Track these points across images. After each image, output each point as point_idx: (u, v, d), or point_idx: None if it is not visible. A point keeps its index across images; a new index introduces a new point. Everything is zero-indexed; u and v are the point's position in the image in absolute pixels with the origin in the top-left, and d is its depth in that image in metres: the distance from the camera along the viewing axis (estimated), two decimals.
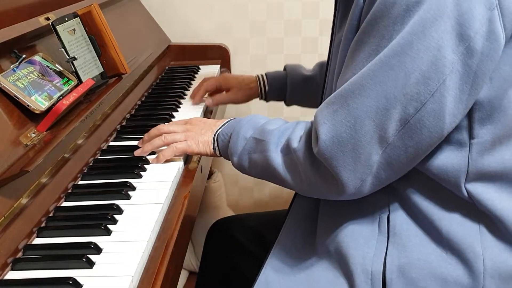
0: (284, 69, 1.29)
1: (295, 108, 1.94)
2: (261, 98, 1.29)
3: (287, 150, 0.79)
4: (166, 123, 1.01)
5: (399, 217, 0.77)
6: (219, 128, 0.91)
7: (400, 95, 0.67)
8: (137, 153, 0.97)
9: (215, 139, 0.91)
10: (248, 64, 1.86)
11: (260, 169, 0.83)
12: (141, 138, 1.03)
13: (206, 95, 1.30)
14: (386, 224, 0.77)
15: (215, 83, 1.28)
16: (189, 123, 0.96)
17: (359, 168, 0.70)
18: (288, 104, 1.30)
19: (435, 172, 0.73)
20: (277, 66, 1.84)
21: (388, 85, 0.67)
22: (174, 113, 1.23)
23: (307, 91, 1.24)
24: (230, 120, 0.92)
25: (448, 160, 0.72)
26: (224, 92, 1.29)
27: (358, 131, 0.69)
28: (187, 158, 1.01)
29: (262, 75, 1.28)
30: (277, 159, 0.79)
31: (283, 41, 1.83)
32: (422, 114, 0.67)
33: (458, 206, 0.74)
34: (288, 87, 1.25)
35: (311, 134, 0.76)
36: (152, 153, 1.01)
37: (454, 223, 0.74)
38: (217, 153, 0.92)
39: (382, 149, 0.69)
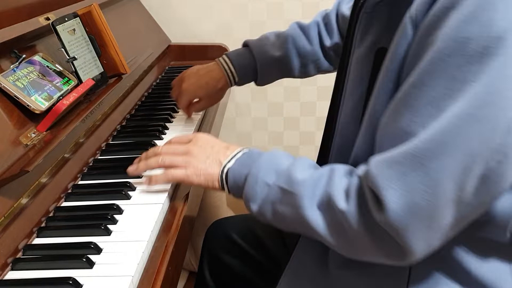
0: (245, 45, 1.18)
1: (295, 108, 1.94)
2: (231, 86, 1.19)
3: (327, 207, 0.67)
4: (168, 141, 0.87)
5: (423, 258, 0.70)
6: (228, 162, 0.78)
7: (486, 150, 0.58)
8: (130, 170, 0.87)
9: (224, 176, 0.78)
10: None
11: (290, 223, 0.72)
12: (142, 138, 1.03)
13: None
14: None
15: (188, 100, 1.16)
16: (194, 143, 0.84)
17: (431, 234, 0.61)
18: (258, 85, 1.20)
19: (480, 215, 0.65)
20: None
21: (474, 140, 0.58)
22: (174, 114, 1.23)
23: (280, 71, 1.16)
24: (242, 152, 0.79)
25: (499, 203, 0.65)
26: (198, 101, 1.17)
27: (438, 196, 0.59)
28: None
29: (227, 64, 1.14)
30: (314, 216, 0.68)
31: None
32: (505, 166, 0.59)
33: (492, 248, 0.69)
34: (259, 74, 1.15)
35: (363, 194, 0.64)
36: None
37: (484, 265, 0.69)
38: (226, 189, 0.79)
39: (457, 210, 0.60)
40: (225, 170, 0.78)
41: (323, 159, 0.88)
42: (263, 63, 1.14)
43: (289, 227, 0.73)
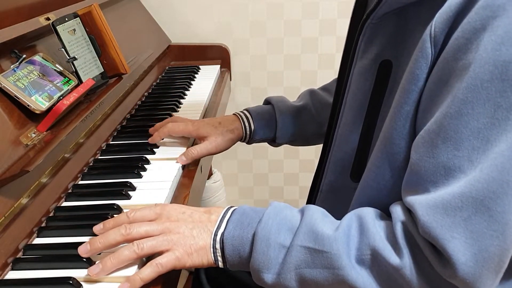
0: (267, 102, 1.10)
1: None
2: (243, 140, 1.06)
3: (373, 263, 0.60)
4: (131, 219, 0.69)
5: None
6: (219, 227, 0.67)
7: None
8: (82, 251, 0.67)
9: (218, 246, 0.66)
10: (248, 64, 1.86)
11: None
12: (142, 138, 1.01)
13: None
14: None
15: (183, 130, 1.02)
16: (167, 217, 0.68)
17: (497, 279, 0.56)
18: (276, 142, 1.08)
19: None
20: (277, 66, 1.85)
21: None
22: (174, 113, 1.23)
23: (301, 122, 1.06)
24: (231, 211, 0.68)
25: None
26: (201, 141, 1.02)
27: (507, 239, 0.53)
28: None
29: (243, 112, 1.06)
30: (359, 276, 0.59)
31: (283, 41, 1.83)
32: None
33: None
34: (278, 121, 1.04)
35: (415, 244, 0.58)
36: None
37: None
38: (220, 264, 0.67)
39: None
40: (218, 238, 0.66)
41: (319, 173, 0.87)
42: (282, 109, 1.05)
43: None
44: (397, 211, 0.61)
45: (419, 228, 0.57)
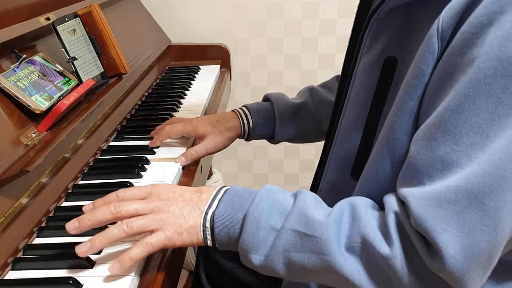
0: (266, 99, 1.10)
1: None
2: (241, 137, 1.05)
3: (362, 251, 0.59)
4: (120, 198, 0.68)
5: None
6: (209, 205, 0.66)
7: None
8: (70, 228, 0.67)
9: (208, 224, 0.65)
10: (248, 64, 1.86)
11: (312, 273, 0.62)
12: (142, 138, 1.01)
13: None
14: None
15: (181, 131, 1.01)
16: (157, 196, 0.68)
17: (485, 275, 0.55)
18: (275, 139, 1.07)
19: None
20: (277, 66, 1.85)
21: None
22: (174, 113, 1.23)
23: (300, 120, 1.05)
24: (223, 191, 0.68)
25: None
26: (200, 141, 1.02)
27: (498, 235, 0.53)
28: None
29: (242, 109, 1.05)
30: (348, 263, 0.59)
31: (283, 41, 1.83)
32: None
33: (506, 270, 0.63)
34: (277, 119, 1.04)
35: (406, 235, 0.58)
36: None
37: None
38: (209, 242, 0.66)
39: (509, 247, 0.57)
40: (208, 216, 0.65)
41: (319, 171, 0.86)
42: (280, 106, 1.05)
43: (309, 278, 0.64)
44: (390, 201, 0.61)
45: (411, 219, 0.56)
